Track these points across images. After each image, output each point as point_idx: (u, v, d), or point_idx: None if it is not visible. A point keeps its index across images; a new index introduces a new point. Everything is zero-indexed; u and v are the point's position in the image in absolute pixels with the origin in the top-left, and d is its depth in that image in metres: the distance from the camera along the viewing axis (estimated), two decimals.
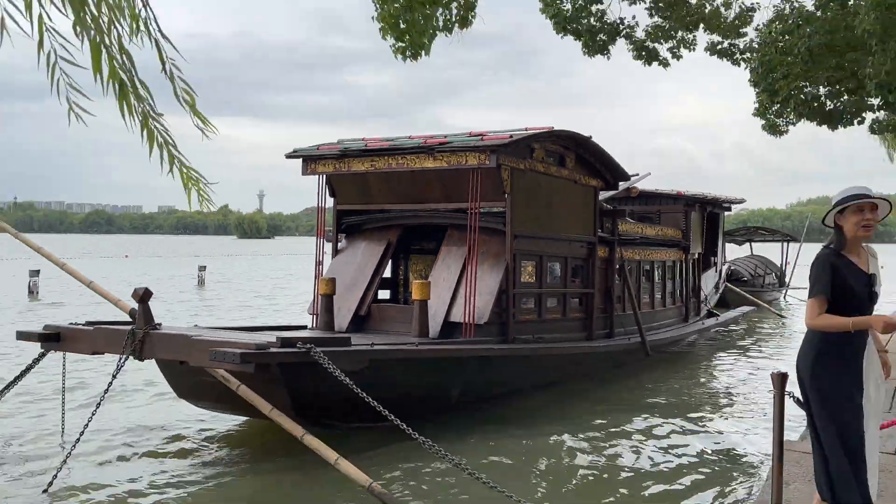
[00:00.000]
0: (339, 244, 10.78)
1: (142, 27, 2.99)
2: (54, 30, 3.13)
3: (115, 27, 2.89)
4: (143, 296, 6.62)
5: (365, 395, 5.97)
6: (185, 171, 3.39)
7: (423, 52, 6.16)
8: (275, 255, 72.82)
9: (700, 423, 8.69)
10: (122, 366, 6.52)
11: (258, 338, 6.92)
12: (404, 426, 5.86)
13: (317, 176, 10.32)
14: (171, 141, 3.46)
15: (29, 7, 3.09)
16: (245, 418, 8.02)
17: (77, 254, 61.42)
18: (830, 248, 3.97)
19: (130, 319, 7.04)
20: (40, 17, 3.08)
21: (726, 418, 9.05)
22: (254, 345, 6.08)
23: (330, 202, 10.70)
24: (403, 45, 6.01)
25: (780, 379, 4.20)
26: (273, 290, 29.62)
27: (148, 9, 2.97)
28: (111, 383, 6.43)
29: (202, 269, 31.78)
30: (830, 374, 3.92)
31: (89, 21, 2.83)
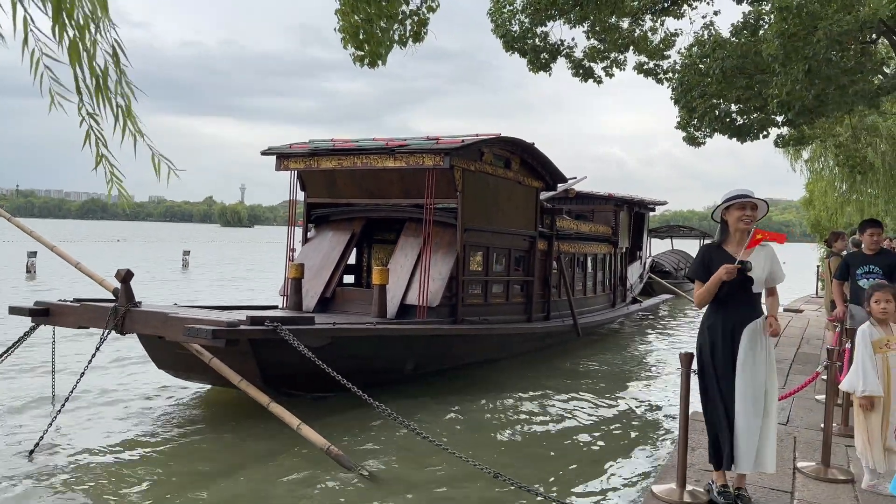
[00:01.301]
0: (309, 233, 10.68)
1: (102, 31, 2.90)
2: (38, 29, 3.02)
3: (89, 30, 2.79)
4: (126, 276, 6.45)
5: (327, 367, 5.91)
6: (110, 168, 3.31)
7: (380, 62, 6.07)
8: (254, 242, 71.80)
9: (621, 395, 8.82)
10: (105, 339, 6.34)
11: (230, 316, 6.81)
12: (361, 393, 5.81)
13: (289, 172, 10.18)
14: (102, 139, 3.36)
15: (14, 7, 2.99)
16: (217, 387, 7.87)
17: (75, 237, 59.78)
18: (711, 243, 4.24)
19: (114, 298, 6.85)
20: (24, 18, 2.97)
21: (644, 390, 9.20)
22: (225, 322, 5.98)
23: (301, 196, 10.60)
24: (362, 53, 5.91)
25: (687, 358, 4.27)
26: (250, 274, 29.21)
27: (105, 14, 2.88)
28: (94, 354, 6.25)
29: (186, 253, 31.22)
30: (703, 345, 4.11)
31: (65, 20, 2.72)
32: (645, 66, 11.08)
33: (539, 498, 4.94)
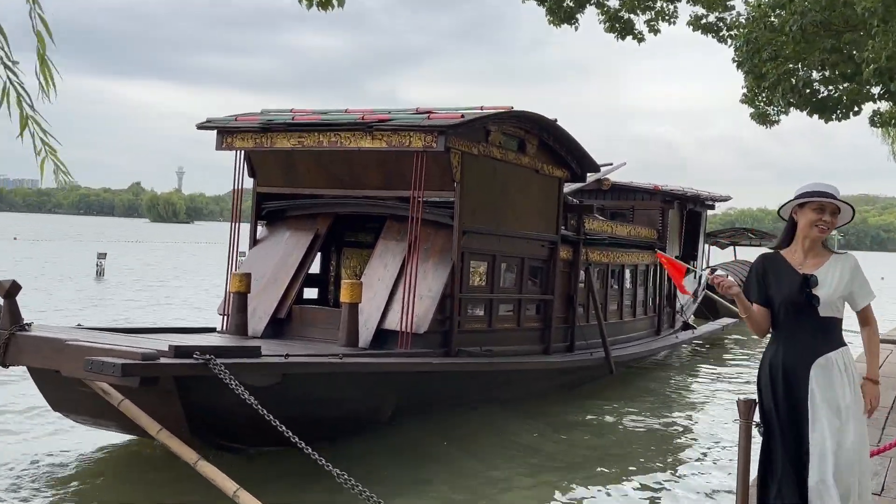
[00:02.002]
0: (259, 233, 10.58)
1: None
2: None
3: None
4: (10, 290, 6.36)
5: (269, 415, 5.80)
6: (40, 133, 3.22)
7: (335, 3, 5.96)
8: (193, 242, 71.69)
9: (663, 457, 8.71)
10: None
11: (149, 344, 6.70)
12: (312, 452, 5.70)
13: (234, 152, 10.10)
14: (27, 99, 3.27)
15: None
16: (132, 437, 7.75)
17: None
18: (768, 252, 4.26)
19: None
20: None
21: (695, 450, 9.08)
22: (140, 354, 5.87)
23: (249, 183, 10.52)
24: None
25: (746, 406, 4.19)
26: (185, 285, 29.09)
27: None
28: None
29: (102, 256, 31.02)
30: (764, 388, 4.07)
31: None
32: (703, 21, 11.00)
33: None
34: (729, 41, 11.01)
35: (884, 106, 12.57)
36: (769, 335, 4.16)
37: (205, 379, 6.25)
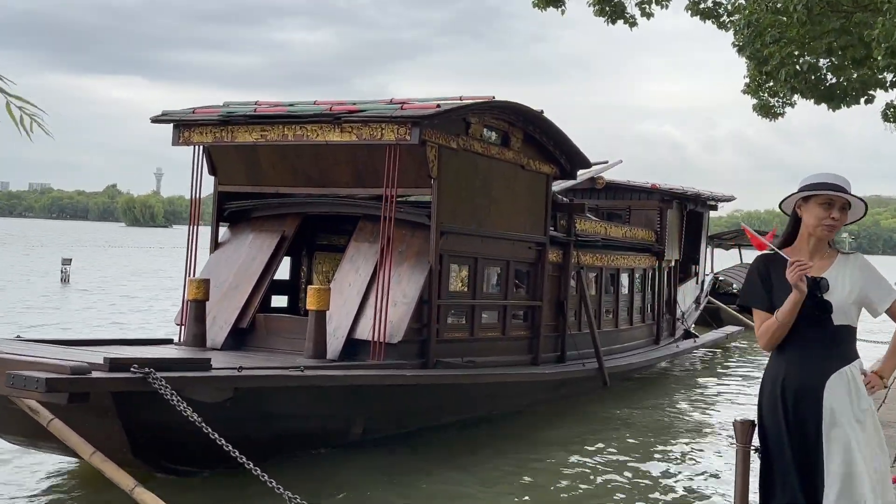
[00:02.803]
0: (221, 235, 10.29)
1: None
2: None
3: None
4: None
5: (214, 433, 5.49)
6: (8, 98, 2.99)
7: None
8: (170, 247, 71.31)
9: (657, 480, 8.38)
10: None
11: (91, 357, 6.38)
12: (262, 474, 5.37)
13: (192, 147, 9.82)
14: None
15: None
16: (71, 459, 7.40)
17: None
18: (767, 252, 3.86)
19: None
20: None
21: (693, 477, 8.74)
22: (69, 367, 5.54)
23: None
24: None
25: (744, 429, 3.87)
26: (156, 293, 28.74)
27: None
28: None
29: (66, 262, 30.73)
30: (766, 408, 3.73)
31: None
32: (701, 5, 10.73)
33: None
34: (730, 27, 10.75)
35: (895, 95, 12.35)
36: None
37: (147, 395, 5.96)
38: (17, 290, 26.53)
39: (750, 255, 30.15)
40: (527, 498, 7.45)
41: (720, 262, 27.96)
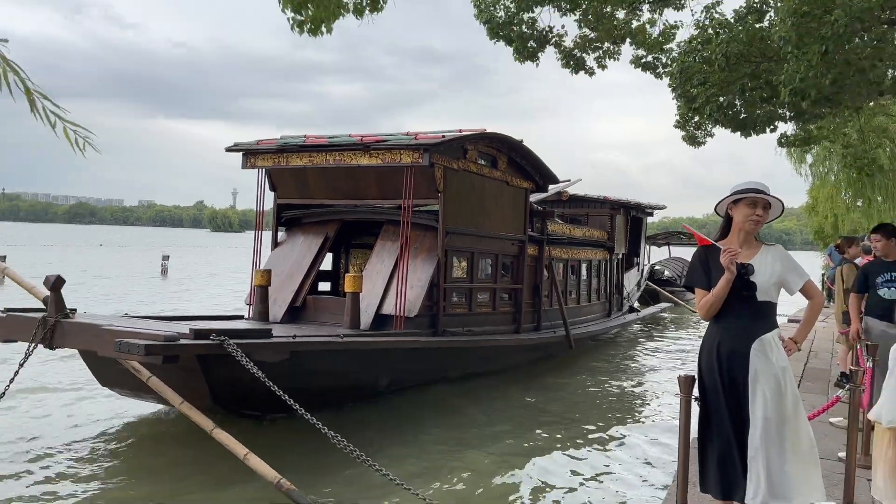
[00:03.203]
0: (279, 237, 10.09)
1: None
2: None
3: None
4: (55, 283, 5.82)
5: (273, 385, 5.30)
6: (50, 109, 2.78)
7: (323, 29, 5.45)
8: (243, 248, 71.08)
9: (613, 421, 8.16)
10: (30, 354, 5.70)
11: (176, 328, 6.18)
12: (310, 418, 5.19)
13: (256, 170, 9.61)
14: (23, 72, 2.77)
15: None
16: (165, 406, 7.22)
17: (54, 241, 59.03)
18: (710, 244, 3.60)
19: (44, 307, 6.21)
20: None
21: (639, 416, 8.54)
22: (163, 336, 5.35)
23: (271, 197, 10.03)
24: (301, 18, 5.29)
25: (686, 382, 3.66)
26: (233, 282, 28.55)
27: None
28: (17, 372, 5.60)
29: (165, 258, 30.50)
30: (704, 369, 3.51)
31: None
32: (643, 60, 10.49)
33: None
34: (665, 77, 10.50)
35: (790, 129, 12.10)
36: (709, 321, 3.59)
37: (223, 357, 5.77)
38: (128, 279, 26.33)
39: (676, 251, 29.98)
40: (506, 437, 7.26)
41: (655, 256, 27.69)
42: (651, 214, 19.16)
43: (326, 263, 10.21)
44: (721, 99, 8.16)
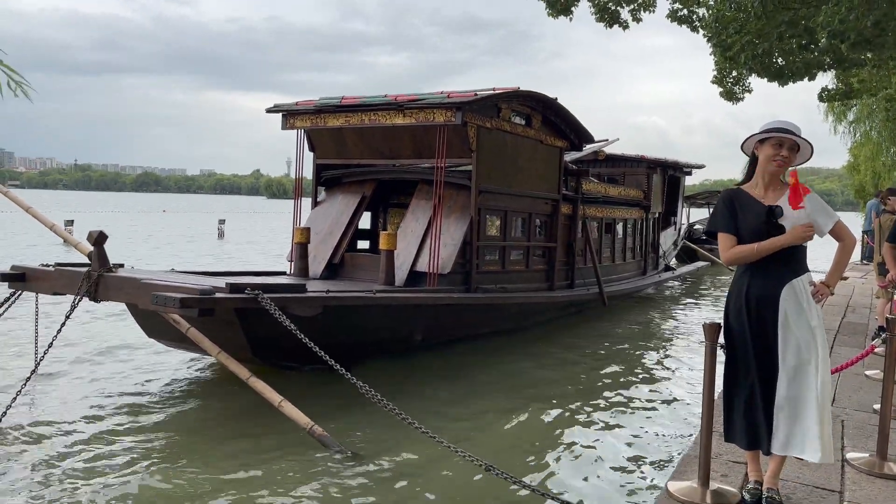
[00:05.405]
0: (319, 196, 9.99)
1: None
2: None
3: None
4: (98, 238, 5.82)
5: (305, 338, 5.21)
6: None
7: None
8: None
9: (641, 373, 7.93)
10: (75, 306, 5.74)
11: (216, 283, 6.15)
12: (341, 369, 5.09)
13: (296, 131, 9.49)
14: None
15: None
16: (206, 356, 7.26)
17: (124, 208, 60.72)
18: (733, 188, 3.34)
19: (89, 262, 6.24)
20: None
21: (668, 368, 8.28)
22: (198, 290, 5.31)
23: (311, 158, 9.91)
24: None
25: (711, 329, 3.41)
26: (284, 242, 28.88)
27: None
28: (64, 323, 5.65)
29: (222, 222, 31.02)
30: (732, 313, 3.26)
31: None
32: (679, 13, 9.91)
33: (530, 493, 4.16)
34: (700, 30, 9.93)
35: (829, 80, 11.37)
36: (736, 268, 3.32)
37: (260, 310, 5.71)
38: (190, 241, 26.88)
39: None
40: (557, 370, 7.10)
41: (695, 216, 26.87)
42: (690, 174, 18.47)
43: (364, 222, 10.10)
44: (758, 47, 7.63)
